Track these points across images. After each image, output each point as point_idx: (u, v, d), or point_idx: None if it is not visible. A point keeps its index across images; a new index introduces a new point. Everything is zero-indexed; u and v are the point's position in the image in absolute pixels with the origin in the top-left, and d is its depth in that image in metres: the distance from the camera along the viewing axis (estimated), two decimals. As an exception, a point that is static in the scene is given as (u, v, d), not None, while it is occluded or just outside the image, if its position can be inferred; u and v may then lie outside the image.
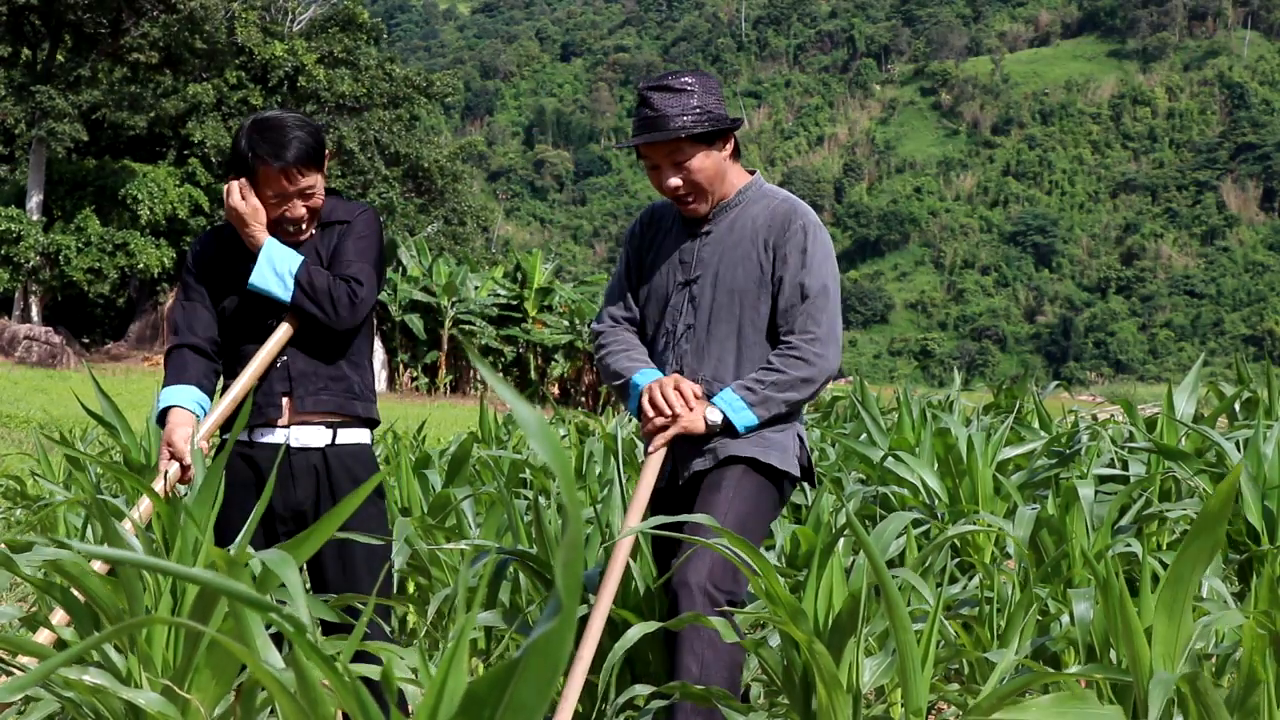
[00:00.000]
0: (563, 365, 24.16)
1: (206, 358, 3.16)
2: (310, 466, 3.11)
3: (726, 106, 3.10)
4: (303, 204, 3.10)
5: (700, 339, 3.05)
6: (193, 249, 3.26)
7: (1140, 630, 2.48)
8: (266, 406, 3.11)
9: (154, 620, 1.16)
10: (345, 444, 3.15)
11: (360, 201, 3.31)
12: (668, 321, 3.11)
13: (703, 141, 3.02)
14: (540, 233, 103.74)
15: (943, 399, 7.91)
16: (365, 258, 3.15)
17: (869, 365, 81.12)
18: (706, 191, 3.05)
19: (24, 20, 26.26)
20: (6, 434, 12.23)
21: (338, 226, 3.19)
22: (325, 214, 3.20)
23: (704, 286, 3.07)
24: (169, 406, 3.09)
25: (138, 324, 29.11)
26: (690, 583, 2.85)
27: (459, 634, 1.17)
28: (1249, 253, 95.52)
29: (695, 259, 3.10)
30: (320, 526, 1.97)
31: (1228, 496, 2.16)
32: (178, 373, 3.13)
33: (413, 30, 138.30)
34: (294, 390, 3.11)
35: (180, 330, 3.18)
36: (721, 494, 2.96)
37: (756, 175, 3.19)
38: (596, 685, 2.99)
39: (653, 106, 3.00)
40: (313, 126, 3.12)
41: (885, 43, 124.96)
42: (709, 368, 3.04)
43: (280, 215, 3.10)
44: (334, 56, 31.74)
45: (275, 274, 3.06)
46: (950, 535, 3.06)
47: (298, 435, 3.11)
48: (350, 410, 3.15)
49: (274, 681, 1.49)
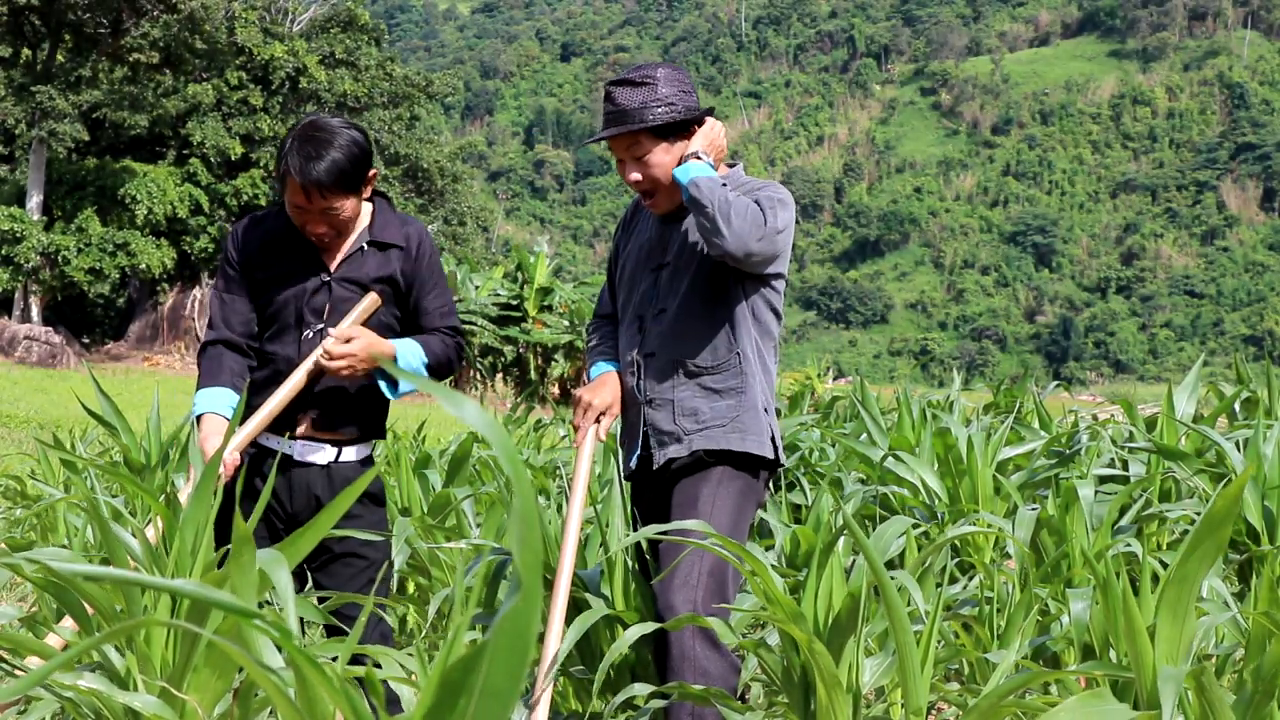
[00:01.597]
0: (563, 365, 24.15)
1: (241, 354, 3.09)
2: (311, 481, 3.08)
3: (696, 99, 3.04)
4: (324, 223, 3.00)
5: (674, 321, 3.04)
6: (233, 236, 3.15)
7: (1143, 629, 2.48)
8: (285, 419, 3.05)
9: (151, 622, 1.16)
10: (349, 461, 3.13)
11: (407, 215, 3.22)
12: (640, 306, 3.12)
13: (662, 136, 2.98)
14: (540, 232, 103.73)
15: (943, 399, 7.90)
16: (446, 296, 3.14)
17: (869, 365, 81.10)
18: (666, 187, 3.02)
19: (24, 20, 26.26)
20: (6, 434, 12.23)
21: (395, 251, 3.09)
22: (377, 230, 3.10)
23: (675, 271, 3.06)
24: (202, 413, 3.03)
25: (138, 324, 29.10)
26: (676, 608, 2.84)
27: (455, 633, 1.16)
28: (1249, 253, 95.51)
29: (668, 244, 3.10)
30: (313, 525, 1.97)
31: (1235, 498, 2.15)
32: (213, 373, 3.06)
33: (413, 30, 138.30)
34: (321, 406, 3.06)
35: (216, 324, 3.10)
36: (700, 507, 2.94)
37: (737, 167, 3.17)
38: (594, 684, 2.99)
39: (614, 101, 2.98)
40: (355, 150, 2.96)
41: (885, 43, 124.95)
42: (683, 348, 3.03)
43: (306, 229, 3.02)
44: (334, 57, 31.76)
45: (414, 374, 3.05)
46: (950, 537, 3.05)
47: (302, 450, 3.08)
48: (364, 427, 3.13)
49: (271, 683, 1.49)
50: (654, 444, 3.06)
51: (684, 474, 3.01)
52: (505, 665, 0.93)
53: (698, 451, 3.00)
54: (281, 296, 3.07)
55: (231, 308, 3.10)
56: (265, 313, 3.09)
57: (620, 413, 3.13)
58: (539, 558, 0.88)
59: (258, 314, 3.10)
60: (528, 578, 0.88)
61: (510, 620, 0.91)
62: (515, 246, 30.22)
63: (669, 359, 3.04)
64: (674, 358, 3.04)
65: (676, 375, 3.03)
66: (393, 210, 3.17)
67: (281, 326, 3.08)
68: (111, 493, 6.15)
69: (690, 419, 3.00)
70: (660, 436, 3.04)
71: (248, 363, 3.11)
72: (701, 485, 2.98)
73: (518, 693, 0.96)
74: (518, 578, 0.89)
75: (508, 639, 0.92)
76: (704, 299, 3.04)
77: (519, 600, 0.90)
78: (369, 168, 3.01)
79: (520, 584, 0.89)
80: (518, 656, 0.92)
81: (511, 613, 0.90)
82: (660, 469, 3.05)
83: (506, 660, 0.93)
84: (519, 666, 0.93)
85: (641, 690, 2.78)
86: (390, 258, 3.10)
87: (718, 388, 3.02)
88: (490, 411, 4.19)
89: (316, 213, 2.97)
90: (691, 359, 3.03)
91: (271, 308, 3.08)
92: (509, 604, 0.91)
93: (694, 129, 3.03)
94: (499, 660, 0.93)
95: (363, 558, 3.10)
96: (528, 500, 0.87)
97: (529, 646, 0.93)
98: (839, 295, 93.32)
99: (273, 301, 3.08)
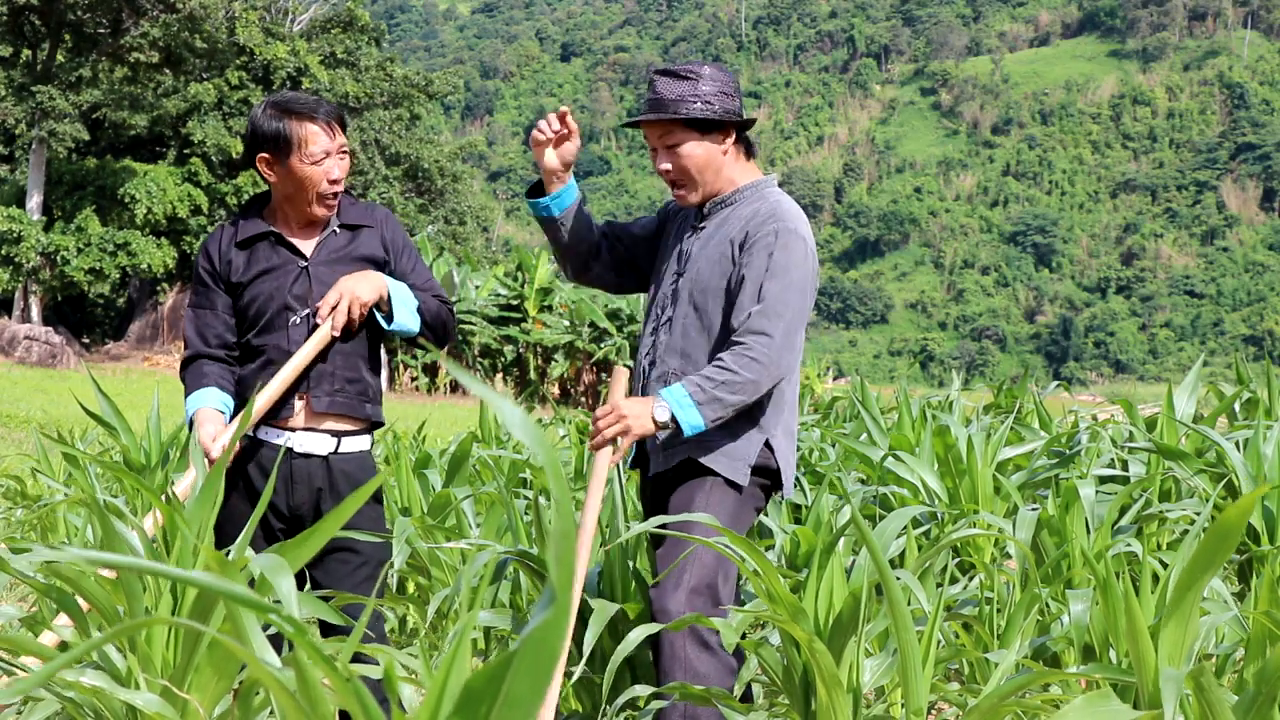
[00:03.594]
0: (563, 365, 24.14)
1: (221, 363, 3.15)
2: (311, 473, 3.10)
3: (740, 104, 3.07)
4: (339, 166, 3.09)
5: (675, 334, 3.05)
6: (205, 248, 3.21)
7: (1144, 629, 2.48)
8: (281, 406, 3.09)
9: (154, 621, 1.16)
10: (348, 452, 3.14)
11: (366, 201, 3.30)
12: (655, 310, 3.13)
13: (697, 130, 3.00)
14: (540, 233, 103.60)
15: (943, 399, 7.90)
16: (427, 271, 3.22)
17: (869, 365, 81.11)
18: (695, 180, 3.04)
19: (24, 20, 26.26)
20: (6, 434, 12.23)
21: (365, 231, 3.18)
22: (343, 214, 3.18)
23: (685, 283, 3.06)
24: (195, 411, 3.08)
25: (138, 324, 29.10)
26: (669, 610, 2.84)
27: (460, 633, 1.16)
28: (1249, 253, 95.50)
29: (687, 253, 3.10)
30: (319, 529, 1.97)
31: (1247, 510, 2.15)
32: (197, 379, 3.12)
33: (413, 30, 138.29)
34: (311, 389, 3.09)
35: (191, 342, 3.17)
36: (694, 512, 2.92)
37: (767, 178, 3.14)
38: (597, 685, 2.99)
39: (655, 89, 3.03)
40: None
41: (885, 43, 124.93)
42: (679, 361, 3.03)
43: (322, 184, 3.08)
44: (335, 57, 31.76)
45: (409, 312, 3.10)
46: (952, 539, 3.05)
47: (302, 441, 3.10)
48: (360, 414, 3.15)
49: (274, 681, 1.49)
50: (648, 448, 3.07)
51: (680, 479, 3.01)
52: (530, 676, 0.93)
53: (675, 464, 2.99)
54: (263, 291, 3.12)
55: (205, 322, 3.16)
56: (250, 310, 3.14)
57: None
58: (573, 573, 0.88)
59: (243, 313, 3.15)
60: (561, 593, 0.88)
61: (540, 632, 0.90)
62: (515, 246, 30.19)
63: (666, 369, 3.05)
64: (670, 369, 3.04)
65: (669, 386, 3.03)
66: (351, 198, 3.25)
67: (269, 319, 3.12)
68: (111, 493, 6.15)
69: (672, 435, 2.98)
70: (650, 441, 3.04)
71: (230, 369, 3.16)
72: (696, 491, 2.98)
73: (540, 704, 0.96)
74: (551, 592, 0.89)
75: (535, 650, 0.92)
76: (703, 319, 3.03)
77: (550, 613, 0.90)
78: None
79: (553, 597, 0.89)
80: (544, 668, 0.92)
81: (541, 625, 0.90)
82: (655, 476, 3.06)
83: (532, 671, 0.93)
84: (544, 678, 0.93)
85: (642, 691, 2.78)
86: (363, 238, 3.18)
87: None
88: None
89: (336, 153, 3.08)
90: (688, 371, 3.02)
91: (256, 304, 3.13)
92: (539, 616, 0.90)
93: (730, 131, 3.05)
94: (524, 670, 0.93)
95: (358, 553, 3.11)
96: (567, 516, 0.87)
97: (556, 659, 0.93)
98: (839, 295, 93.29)
99: (256, 298, 3.13)
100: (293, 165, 3.06)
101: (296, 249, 3.15)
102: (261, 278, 3.12)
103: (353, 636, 1.50)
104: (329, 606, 2.35)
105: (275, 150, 3.06)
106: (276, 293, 3.11)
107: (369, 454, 3.21)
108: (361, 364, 3.16)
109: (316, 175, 3.07)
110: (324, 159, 3.06)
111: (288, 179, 3.08)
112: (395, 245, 3.20)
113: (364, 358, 3.16)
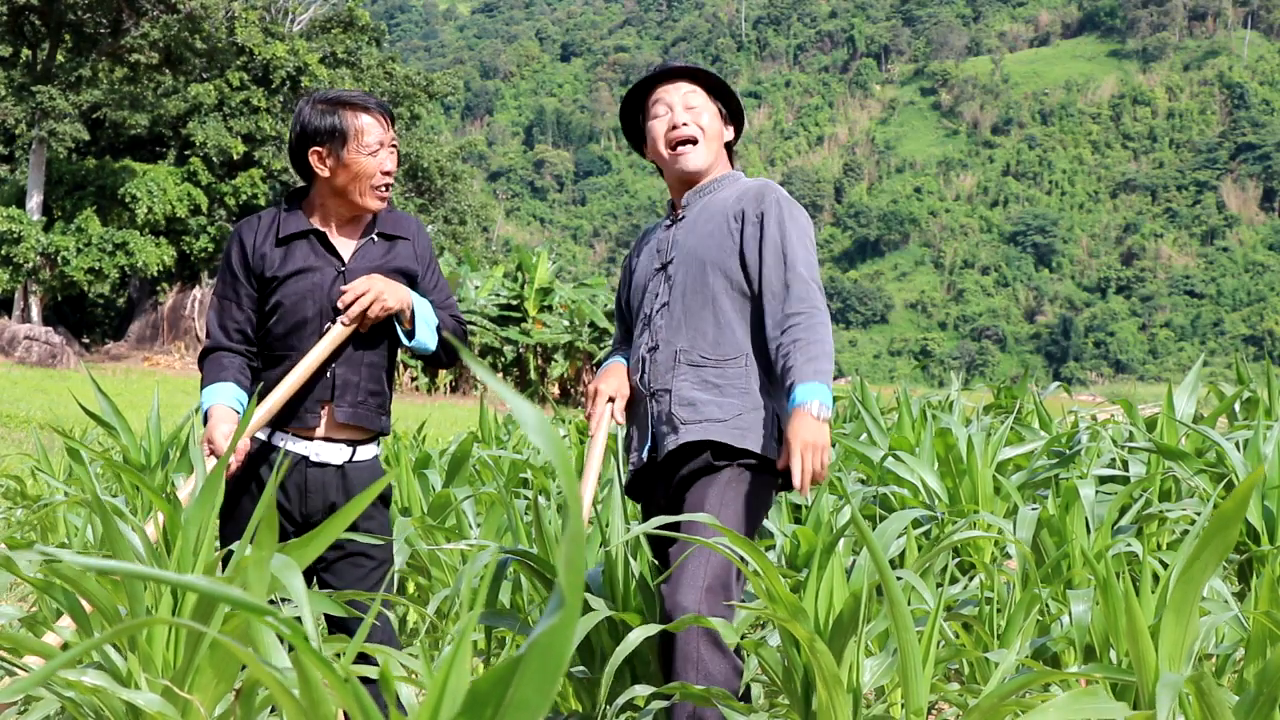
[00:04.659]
0: (563, 365, 24.14)
1: (241, 357, 3.11)
2: (326, 482, 3.09)
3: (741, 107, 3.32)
4: (390, 158, 3.11)
5: (676, 313, 3.09)
6: (239, 236, 3.15)
7: (1144, 629, 2.48)
8: (305, 414, 3.07)
9: (154, 621, 1.16)
10: (361, 460, 3.15)
11: (404, 212, 3.30)
12: (646, 306, 3.17)
13: (719, 99, 3.22)
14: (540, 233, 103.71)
15: (943, 399, 7.90)
16: (448, 289, 3.25)
17: (869, 365, 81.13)
18: (705, 143, 3.16)
19: (24, 20, 26.27)
20: (6, 434, 12.23)
21: (402, 243, 3.18)
22: (381, 223, 3.17)
23: (678, 265, 3.12)
24: (210, 406, 3.05)
25: (138, 324, 29.10)
26: (685, 607, 2.85)
27: (461, 634, 1.17)
28: (1249, 253, 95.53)
29: (670, 244, 3.17)
30: (326, 529, 1.97)
31: (1244, 499, 2.15)
32: (215, 371, 3.09)
33: (413, 30, 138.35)
34: (335, 399, 3.07)
35: (213, 333, 3.13)
36: (708, 508, 2.94)
37: (737, 168, 3.29)
38: (596, 685, 2.99)
39: (679, 63, 3.26)
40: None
41: (885, 43, 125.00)
42: (685, 339, 3.07)
43: (376, 175, 3.08)
44: (335, 57, 31.77)
45: (429, 331, 3.12)
46: (953, 539, 3.05)
47: (319, 451, 3.09)
48: (376, 425, 3.14)
49: (275, 682, 1.49)
50: (658, 436, 3.07)
51: (695, 476, 3.02)
52: (537, 680, 0.92)
53: (694, 443, 3.00)
54: (297, 291, 3.07)
55: (229, 314, 3.11)
56: (282, 309, 3.08)
57: (629, 409, 3.15)
58: (583, 578, 0.88)
59: (274, 312, 3.09)
60: (570, 597, 0.88)
61: (548, 636, 0.90)
62: (515, 246, 30.20)
63: (671, 350, 3.07)
64: (675, 349, 3.07)
65: (676, 366, 3.05)
66: (391, 206, 3.23)
67: (300, 321, 3.08)
68: (111, 493, 6.15)
69: (687, 409, 3.01)
70: (660, 427, 3.05)
71: (249, 364, 3.12)
72: (710, 487, 2.98)
73: (546, 708, 0.96)
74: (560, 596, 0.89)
75: (543, 654, 0.92)
76: (704, 292, 3.06)
77: (558, 617, 0.89)
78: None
79: (562, 602, 0.89)
80: (551, 672, 0.92)
81: (550, 629, 0.90)
82: (667, 465, 3.06)
83: (539, 674, 0.92)
84: (551, 682, 0.92)
85: (642, 691, 2.78)
86: (399, 249, 3.16)
87: (719, 382, 3.02)
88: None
89: (389, 144, 3.10)
90: (691, 350, 3.05)
91: (288, 304, 3.08)
92: (548, 620, 0.90)
93: (731, 128, 3.26)
94: (531, 674, 0.93)
95: (371, 558, 3.11)
96: (577, 521, 0.87)
97: (563, 663, 0.93)
98: (839, 295, 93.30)
99: (289, 298, 3.08)
100: (348, 156, 3.05)
101: (336, 252, 3.11)
102: (296, 277, 3.08)
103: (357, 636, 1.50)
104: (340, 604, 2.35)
105: (330, 142, 3.04)
106: (312, 293, 3.07)
107: (379, 460, 3.21)
108: (384, 376, 3.16)
109: (371, 166, 3.06)
110: (379, 149, 3.07)
111: (343, 170, 3.06)
112: (424, 259, 3.20)
113: (385, 370, 3.17)
